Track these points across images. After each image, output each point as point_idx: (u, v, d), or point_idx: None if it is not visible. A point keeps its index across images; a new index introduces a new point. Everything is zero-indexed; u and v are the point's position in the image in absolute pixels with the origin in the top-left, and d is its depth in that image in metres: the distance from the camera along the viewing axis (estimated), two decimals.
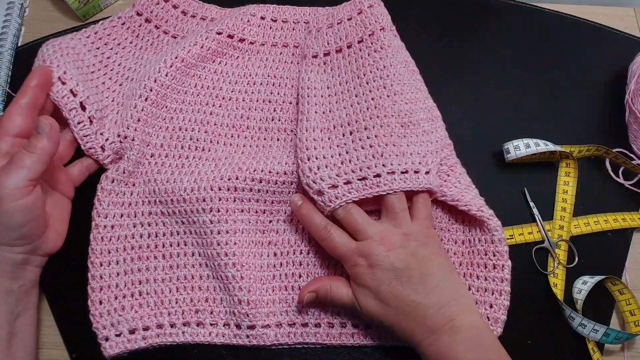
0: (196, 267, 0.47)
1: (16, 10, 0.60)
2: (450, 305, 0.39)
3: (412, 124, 0.47)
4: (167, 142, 0.49)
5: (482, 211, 0.45)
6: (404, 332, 0.40)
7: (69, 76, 0.46)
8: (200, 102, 0.51)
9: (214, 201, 0.46)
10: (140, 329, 0.45)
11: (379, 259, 0.40)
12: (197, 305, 0.46)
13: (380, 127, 0.46)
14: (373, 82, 0.48)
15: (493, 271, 0.45)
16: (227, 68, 0.53)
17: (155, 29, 0.54)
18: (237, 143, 0.51)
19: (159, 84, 0.49)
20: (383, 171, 0.43)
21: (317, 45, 0.53)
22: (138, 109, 0.48)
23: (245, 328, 0.45)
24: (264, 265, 0.47)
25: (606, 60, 0.58)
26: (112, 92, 0.49)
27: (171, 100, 0.50)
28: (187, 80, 0.51)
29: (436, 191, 0.45)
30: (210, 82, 0.52)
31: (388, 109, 0.47)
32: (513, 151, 0.51)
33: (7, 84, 0.56)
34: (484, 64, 0.58)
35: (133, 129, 0.48)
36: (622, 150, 0.52)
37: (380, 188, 0.43)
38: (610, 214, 0.50)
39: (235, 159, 0.48)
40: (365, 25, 0.50)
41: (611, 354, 0.47)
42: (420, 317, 0.39)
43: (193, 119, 0.50)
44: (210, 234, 0.46)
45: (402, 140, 0.45)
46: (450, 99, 0.51)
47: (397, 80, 0.48)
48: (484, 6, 0.61)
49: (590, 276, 0.48)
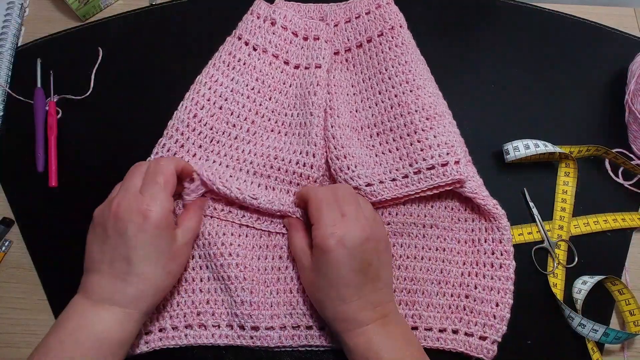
0: (197, 269, 0.47)
1: (16, 10, 0.60)
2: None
3: (437, 115, 0.47)
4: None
5: (496, 208, 0.46)
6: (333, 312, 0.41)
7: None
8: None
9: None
10: (142, 333, 0.45)
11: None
12: (198, 308, 0.46)
13: (404, 125, 0.47)
14: (395, 78, 0.49)
15: (499, 270, 0.45)
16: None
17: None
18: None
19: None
20: (410, 172, 0.46)
21: (338, 42, 0.53)
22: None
23: (249, 329, 0.45)
24: (268, 267, 0.47)
25: (606, 60, 0.58)
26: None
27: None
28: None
29: (465, 181, 0.45)
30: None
31: (412, 104, 0.48)
32: (512, 152, 0.51)
33: (7, 84, 0.56)
34: (484, 64, 0.58)
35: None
36: (621, 150, 0.52)
37: (409, 188, 0.46)
38: (610, 214, 0.50)
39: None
40: (385, 19, 0.51)
41: (611, 354, 0.47)
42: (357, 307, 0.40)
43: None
44: (215, 235, 0.46)
45: (428, 134, 0.46)
46: (450, 99, 0.51)
47: (418, 75, 0.49)
48: (484, 6, 0.61)
49: (590, 276, 0.48)
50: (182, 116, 0.49)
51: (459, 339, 0.45)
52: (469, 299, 0.45)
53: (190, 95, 0.50)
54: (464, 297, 0.46)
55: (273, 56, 0.53)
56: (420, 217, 0.48)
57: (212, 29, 0.58)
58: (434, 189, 0.46)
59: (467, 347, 0.44)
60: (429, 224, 0.48)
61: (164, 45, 0.59)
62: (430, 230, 0.48)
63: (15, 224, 0.51)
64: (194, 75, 0.51)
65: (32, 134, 0.53)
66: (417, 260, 0.47)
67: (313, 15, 0.55)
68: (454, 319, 0.45)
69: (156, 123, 0.50)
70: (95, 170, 0.53)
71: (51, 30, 0.59)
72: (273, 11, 0.53)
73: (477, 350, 0.44)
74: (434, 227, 0.48)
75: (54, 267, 0.49)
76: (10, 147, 0.54)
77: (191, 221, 0.45)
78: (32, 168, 0.52)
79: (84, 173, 0.53)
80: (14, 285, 0.49)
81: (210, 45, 0.54)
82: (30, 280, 0.49)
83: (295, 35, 0.53)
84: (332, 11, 0.54)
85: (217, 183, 0.45)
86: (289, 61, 0.53)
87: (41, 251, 0.50)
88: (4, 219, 0.51)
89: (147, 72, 0.57)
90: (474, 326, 0.45)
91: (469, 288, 0.46)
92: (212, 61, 0.52)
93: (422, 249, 0.48)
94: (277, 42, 0.53)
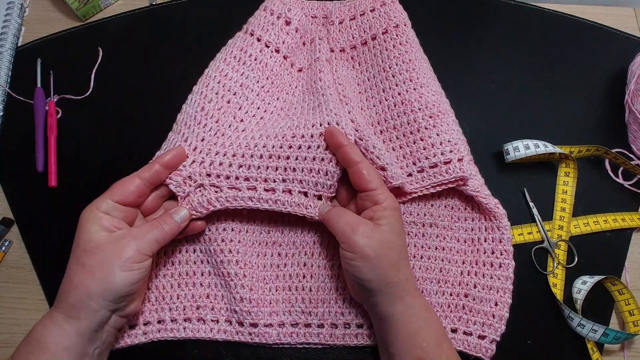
0: (197, 263, 0.47)
1: (16, 10, 0.60)
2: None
3: (441, 113, 0.47)
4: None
5: (497, 207, 0.46)
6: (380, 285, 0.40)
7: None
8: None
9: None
10: (140, 324, 0.45)
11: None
12: (198, 302, 0.46)
13: (407, 124, 0.48)
14: (399, 76, 0.49)
15: (499, 270, 0.45)
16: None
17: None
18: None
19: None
20: (413, 170, 0.46)
21: (343, 39, 0.53)
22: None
23: (248, 326, 0.45)
24: (267, 264, 0.48)
25: (606, 60, 0.58)
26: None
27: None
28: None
29: (468, 179, 0.46)
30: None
31: (415, 102, 0.48)
32: (512, 152, 0.51)
33: (7, 84, 0.56)
34: (483, 64, 0.58)
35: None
36: (621, 150, 0.52)
37: (413, 186, 0.46)
38: (610, 214, 0.50)
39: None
40: (390, 17, 0.51)
41: (610, 354, 0.47)
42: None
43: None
44: (215, 230, 0.46)
45: (431, 132, 0.47)
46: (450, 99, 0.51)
47: (422, 74, 0.49)
48: (484, 6, 0.61)
49: (589, 276, 0.48)
50: (191, 110, 0.48)
51: (458, 338, 0.45)
52: (468, 298, 0.45)
53: (199, 89, 0.49)
54: (463, 296, 0.46)
55: (284, 57, 0.52)
56: (419, 216, 0.48)
57: (212, 29, 0.58)
58: (437, 187, 0.46)
59: (466, 346, 0.44)
60: (429, 222, 0.48)
61: (163, 45, 0.59)
62: (429, 229, 0.48)
63: (15, 224, 0.51)
64: (193, 75, 0.51)
65: (32, 134, 0.53)
66: (416, 259, 0.47)
67: (317, 13, 0.55)
68: (453, 317, 0.45)
69: (156, 123, 0.50)
70: (95, 170, 0.53)
71: (51, 30, 0.59)
72: (288, 9, 0.52)
73: (476, 349, 0.44)
74: (434, 226, 0.48)
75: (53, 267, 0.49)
76: (10, 147, 0.54)
77: (145, 233, 0.41)
78: (32, 168, 0.52)
79: (84, 173, 0.53)
80: (14, 285, 0.49)
81: (210, 45, 0.53)
82: (30, 280, 0.49)
83: (300, 39, 0.53)
84: (337, 9, 0.54)
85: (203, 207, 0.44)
86: (294, 63, 0.53)
87: (41, 251, 0.50)
88: (4, 219, 0.51)
89: (147, 72, 0.57)
90: (473, 325, 0.45)
91: (468, 287, 0.46)
92: (222, 56, 0.51)
93: (421, 247, 0.48)
94: (290, 43, 0.52)
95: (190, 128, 0.47)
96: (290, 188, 0.44)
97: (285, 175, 0.44)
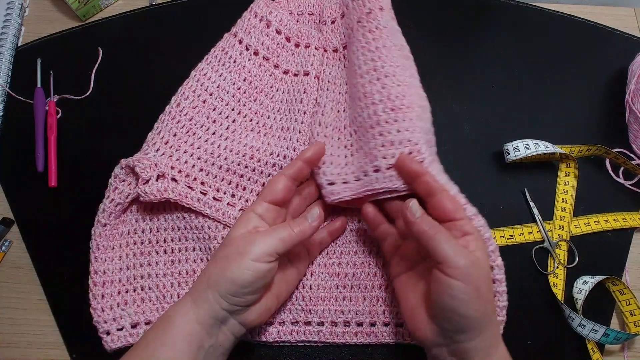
0: (197, 262, 0.47)
1: (16, 10, 0.60)
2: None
3: (404, 107, 0.42)
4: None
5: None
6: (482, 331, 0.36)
7: None
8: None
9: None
10: (142, 323, 0.45)
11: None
12: None
13: (368, 117, 0.43)
14: (364, 66, 0.46)
15: None
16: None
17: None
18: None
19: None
20: (369, 170, 0.42)
21: (336, 39, 0.53)
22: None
23: None
24: None
25: (606, 60, 0.58)
26: None
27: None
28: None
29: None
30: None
31: (376, 94, 0.43)
32: (513, 152, 0.51)
33: (7, 84, 0.56)
34: (483, 63, 0.58)
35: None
36: (622, 150, 0.52)
37: (366, 188, 0.42)
38: (610, 214, 0.50)
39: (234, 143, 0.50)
40: (364, 3, 0.48)
41: (611, 354, 0.47)
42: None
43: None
44: (215, 228, 0.46)
45: (391, 127, 0.41)
46: (450, 99, 0.51)
47: (389, 62, 0.44)
48: (484, 6, 0.61)
49: (590, 276, 0.48)
50: (167, 106, 0.50)
51: None
52: None
53: (181, 88, 0.51)
54: None
55: (264, 59, 0.53)
56: None
57: (212, 29, 0.58)
58: (392, 192, 0.41)
59: None
60: None
61: (163, 45, 0.59)
62: None
63: (15, 224, 0.51)
64: None
65: (32, 134, 0.53)
66: None
67: (313, 10, 0.55)
68: None
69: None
70: (95, 170, 0.52)
71: (51, 30, 0.59)
72: (269, 12, 0.53)
73: None
74: None
75: (53, 267, 0.49)
76: (10, 147, 0.54)
77: (271, 232, 0.40)
78: (32, 168, 0.52)
79: (84, 173, 0.53)
80: (14, 285, 0.49)
81: (210, 45, 0.54)
82: (30, 280, 0.49)
83: (287, 41, 0.53)
84: (327, 7, 0.53)
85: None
86: (279, 65, 0.53)
87: (41, 251, 0.50)
88: (4, 219, 0.51)
89: (146, 72, 0.57)
90: None
91: None
92: (207, 56, 0.53)
93: None
94: (269, 44, 0.53)
95: (164, 122, 0.49)
96: (235, 203, 0.47)
97: (235, 190, 0.48)
